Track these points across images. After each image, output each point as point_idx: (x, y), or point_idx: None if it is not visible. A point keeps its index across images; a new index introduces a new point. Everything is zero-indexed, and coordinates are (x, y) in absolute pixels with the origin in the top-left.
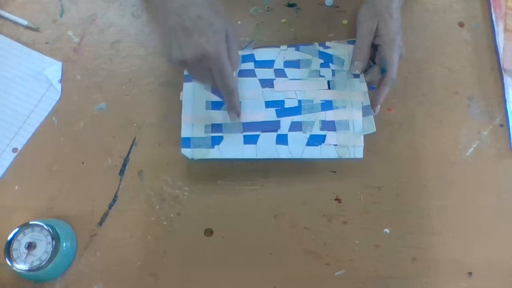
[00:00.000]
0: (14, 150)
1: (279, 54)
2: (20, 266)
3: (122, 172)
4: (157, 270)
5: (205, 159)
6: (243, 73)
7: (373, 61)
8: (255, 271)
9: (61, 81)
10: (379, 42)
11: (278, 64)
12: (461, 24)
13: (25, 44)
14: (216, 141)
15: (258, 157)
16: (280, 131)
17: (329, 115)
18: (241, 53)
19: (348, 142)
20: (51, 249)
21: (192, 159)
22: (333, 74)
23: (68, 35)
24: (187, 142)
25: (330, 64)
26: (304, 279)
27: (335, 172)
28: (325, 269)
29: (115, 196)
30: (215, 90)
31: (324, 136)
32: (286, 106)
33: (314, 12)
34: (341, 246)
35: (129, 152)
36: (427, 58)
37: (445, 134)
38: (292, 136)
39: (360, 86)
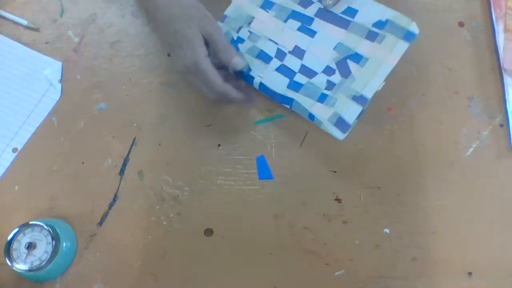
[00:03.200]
0: (14, 150)
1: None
2: (20, 266)
3: (122, 172)
4: (157, 270)
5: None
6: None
7: None
8: (255, 271)
9: (61, 81)
10: None
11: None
12: (461, 24)
13: (25, 44)
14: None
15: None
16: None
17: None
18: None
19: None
20: (51, 249)
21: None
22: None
23: (68, 35)
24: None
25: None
26: (304, 279)
27: (335, 172)
28: (325, 269)
29: (115, 196)
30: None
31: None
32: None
33: None
34: (341, 246)
35: (129, 152)
36: (427, 58)
37: (445, 134)
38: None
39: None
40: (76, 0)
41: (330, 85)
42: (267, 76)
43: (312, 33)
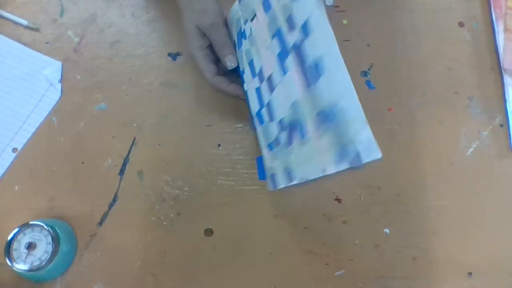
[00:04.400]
0: (14, 150)
1: None
2: (20, 266)
3: (122, 172)
4: (157, 270)
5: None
6: None
7: None
8: (255, 271)
9: (61, 81)
10: None
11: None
12: (461, 24)
13: (25, 44)
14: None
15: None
16: None
17: None
18: None
19: None
20: (51, 249)
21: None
22: None
23: (68, 35)
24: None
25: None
26: (304, 279)
27: None
28: (325, 269)
29: (115, 196)
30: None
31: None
32: None
33: None
34: (341, 246)
35: (129, 152)
36: (427, 58)
37: (445, 134)
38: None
39: None
40: (76, 0)
41: (276, 142)
42: (250, 90)
43: (284, 71)
